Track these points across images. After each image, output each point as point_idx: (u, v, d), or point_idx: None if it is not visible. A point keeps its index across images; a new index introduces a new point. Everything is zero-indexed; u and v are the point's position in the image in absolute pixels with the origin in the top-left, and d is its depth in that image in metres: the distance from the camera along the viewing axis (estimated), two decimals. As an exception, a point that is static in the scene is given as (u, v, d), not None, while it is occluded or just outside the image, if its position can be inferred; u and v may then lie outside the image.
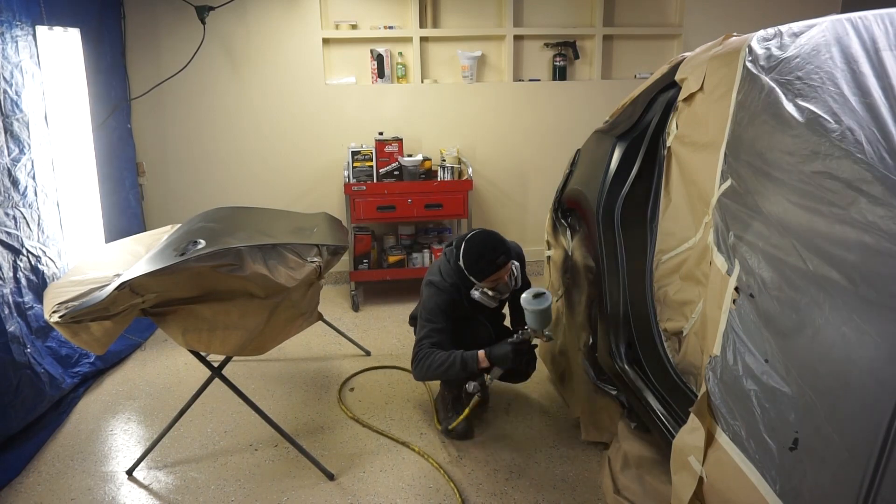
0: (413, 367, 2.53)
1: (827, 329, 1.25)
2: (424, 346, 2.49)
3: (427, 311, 2.54)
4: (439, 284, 2.55)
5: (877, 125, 1.36)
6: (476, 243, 2.47)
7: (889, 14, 1.55)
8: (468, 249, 2.47)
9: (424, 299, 2.58)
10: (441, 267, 2.62)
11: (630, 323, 2.19)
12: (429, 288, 2.57)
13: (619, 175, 2.36)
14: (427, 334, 2.51)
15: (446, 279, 2.56)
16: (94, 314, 2.12)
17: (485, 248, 2.45)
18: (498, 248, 2.45)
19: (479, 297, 2.51)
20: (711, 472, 1.51)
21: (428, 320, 2.53)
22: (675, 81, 2.13)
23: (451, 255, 2.60)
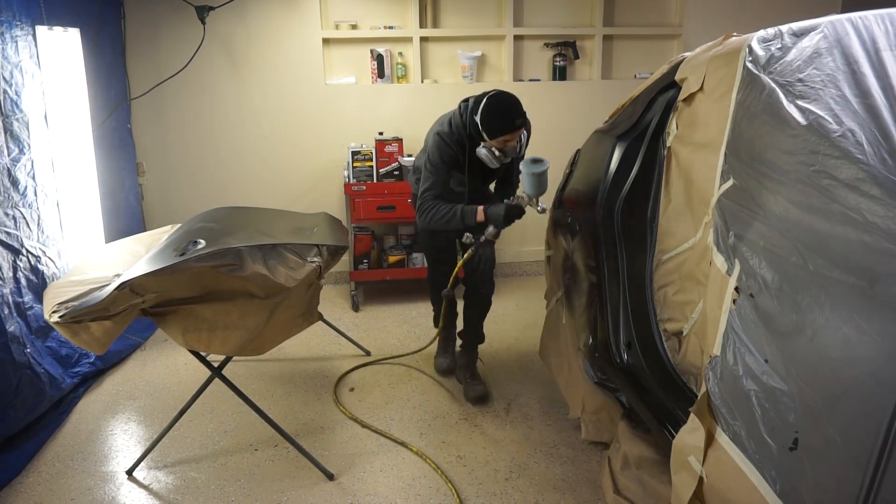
0: (417, 215, 2.74)
1: (827, 329, 1.25)
2: (428, 198, 2.66)
3: (431, 163, 2.67)
4: (447, 137, 2.66)
5: (877, 126, 1.36)
6: (498, 101, 2.54)
7: (889, 14, 1.55)
8: (489, 105, 2.53)
9: (430, 150, 2.69)
10: (452, 119, 2.70)
11: (630, 323, 2.19)
12: (436, 139, 2.67)
13: (619, 175, 2.36)
14: (431, 186, 2.66)
15: (454, 132, 2.66)
16: (94, 314, 2.12)
17: (506, 106, 2.54)
18: (517, 110, 2.55)
19: (484, 155, 2.62)
20: (711, 472, 1.51)
21: (432, 172, 2.67)
22: (675, 81, 2.12)
23: (465, 110, 2.66)
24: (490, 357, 3.36)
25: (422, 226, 2.73)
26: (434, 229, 2.73)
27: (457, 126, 2.66)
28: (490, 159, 2.63)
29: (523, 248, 4.75)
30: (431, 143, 2.69)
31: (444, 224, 2.65)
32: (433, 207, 2.65)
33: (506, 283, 4.60)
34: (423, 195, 2.67)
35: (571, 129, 4.44)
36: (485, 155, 2.62)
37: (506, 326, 3.79)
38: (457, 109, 2.71)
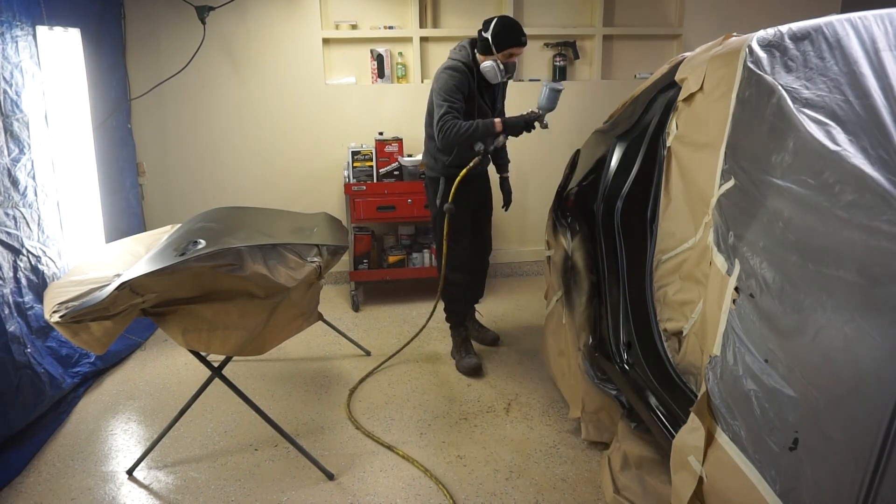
0: (439, 137, 2.88)
1: (827, 329, 1.25)
2: (448, 119, 2.86)
3: (445, 91, 2.89)
4: (456, 67, 2.93)
5: (877, 126, 1.36)
6: (507, 20, 2.91)
7: (889, 14, 1.55)
8: (501, 22, 2.88)
9: (442, 82, 2.91)
10: (456, 54, 3.00)
11: (630, 323, 2.19)
12: (446, 72, 2.93)
13: (619, 175, 2.36)
14: (448, 110, 2.87)
15: (459, 61, 2.95)
16: (94, 314, 2.12)
17: (515, 24, 2.92)
18: (522, 30, 2.92)
19: (489, 68, 2.91)
20: (711, 472, 1.51)
21: (446, 99, 2.88)
22: (675, 81, 2.13)
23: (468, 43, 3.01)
24: (490, 357, 3.36)
25: (443, 145, 2.91)
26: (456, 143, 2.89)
27: (458, 58, 2.95)
28: (495, 72, 2.91)
29: (523, 248, 4.75)
30: (443, 77, 2.91)
31: (467, 137, 2.85)
32: (454, 126, 2.84)
33: (506, 283, 4.60)
34: (443, 118, 2.85)
35: (571, 129, 4.45)
36: (490, 67, 2.91)
37: (506, 326, 3.79)
38: (452, 52, 3.03)
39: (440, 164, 3.09)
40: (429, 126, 3.09)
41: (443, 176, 3.09)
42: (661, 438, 1.97)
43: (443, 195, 3.09)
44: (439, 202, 3.10)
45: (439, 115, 2.89)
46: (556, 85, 2.90)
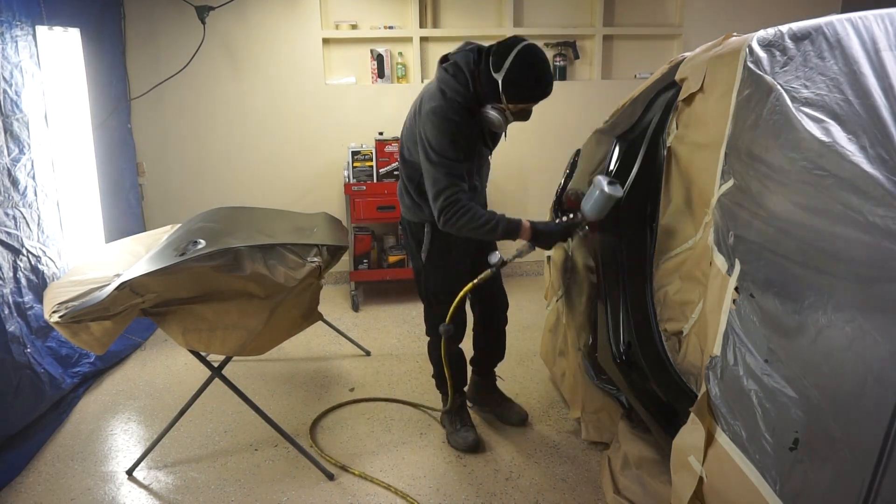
0: (440, 219, 2.16)
1: (828, 329, 1.25)
2: (452, 198, 2.11)
3: (439, 149, 2.12)
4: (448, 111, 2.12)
5: (877, 126, 1.36)
6: (532, 60, 2.07)
7: (889, 14, 1.55)
8: (521, 64, 2.05)
9: (434, 132, 2.12)
10: (446, 89, 2.16)
11: (630, 323, 2.19)
12: (436, 118, 2.12)
13: (619, 175, 2.36)
14: (450, 183, 2.11)
15: (455, 99, 2.13)
16: (94, 314, 2.12)
17: (540, 71, 2.08)
18: (550, 74, 2.11)
19: (494, 118, 2.16)
20: (711, 472, 1.51)
21: (445, 163, 2.11)
22: (675, 81, 2.12)
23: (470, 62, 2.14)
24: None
25: (449, 230, 2.19)
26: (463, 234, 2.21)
27: (454, 92, 2.14)
28: (500, 123, 2.16)
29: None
30: (427, 125, 2.15)
31: (478, 234, 2.17)
32: (466, 210, 2.12)
33: (506, 283, 4.58)
34: (445, 195, 2.12)
35: (571, 129, 4.44)
36: (495, 117, 2.15)
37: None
38: (443, 73, 2.20)
39: (425, 212, 2.35)
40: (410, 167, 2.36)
41: (429, 223, 2.37)
42: (661, 438, 1.97)
43: (429, 249, 2.41)
44: (425, 256, 2.42)
45: (439, 187, 2.13)
46: (613, 191, 2.09)
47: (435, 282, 2.47)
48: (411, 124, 2.33)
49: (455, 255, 2.42)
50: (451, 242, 2.38)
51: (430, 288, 2.50)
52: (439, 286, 2.46)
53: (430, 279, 2.48)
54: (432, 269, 2.45)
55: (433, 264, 2.44)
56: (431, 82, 2.27)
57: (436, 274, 2.45)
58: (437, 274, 2.45)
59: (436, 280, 2.47)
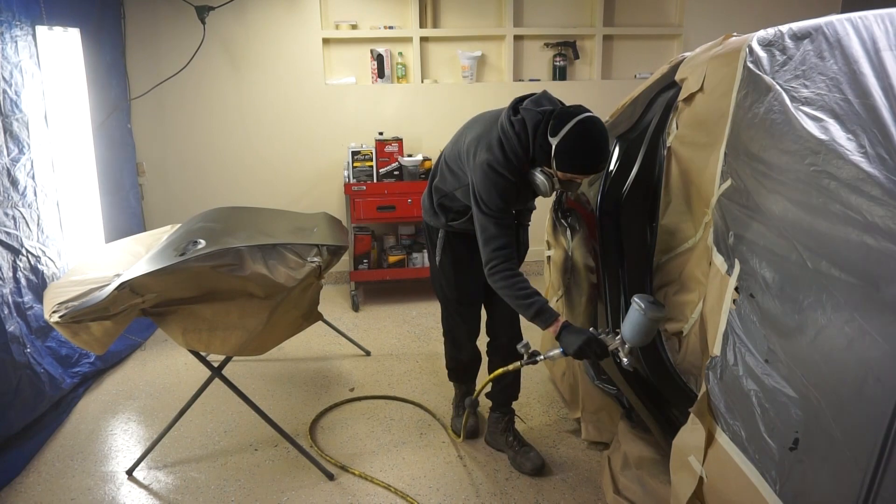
0: (490, 270, 2.14)
1: (828, 329, 1.25)
2: (506, 259, 2.11)
3: (490, 206, 2.11)
4: (503, 167, 2.09)
5: (877, 125, 1.35)
6: (589, 134, 2.00)
7: (889, 14, 1.55)
8: (577, 135, 1.99)
9: (484, 187, 2.11)
10: (504, 142, 2.11)
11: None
12: (490, 173, 2.10)
13: (619, 175, 2.36)
14: (497, 234, 2.11)
15: (511, 159, 2.10)
16: (94, 314, 2.12)
17: (595, 144, 2.01)
18: (606, 150, 2.04)
19: (540, 182, 2.12)
20: (711, 472, 1.51)
21: (495, 217, 2.11)
22: (675, 81, 2.13)
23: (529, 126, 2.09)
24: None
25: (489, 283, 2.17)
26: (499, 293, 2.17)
27: (513, 151, 2.10)
28: (546, 188, 2.12)
29: (523, 248, 4.75)
30: (481, 176, 2.12)
31: (514, 304, 2.14)
32: (510, 276, 2.11)
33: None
34: (494, 250, 2.11)
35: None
36: (541, 182, 2.11)
37: (506, 326, 3.79)
38: (509, 127, 2.12)
39: (441, 219, 2.42)
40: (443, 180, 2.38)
41: (443, 230, 2.44)
42: (661, 438, 1.97)
43: (442, 253, 2.46)
44: (439, 260, 2.48)
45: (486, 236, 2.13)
46: (657, 312, 1.89)
47: (447, 286, 2.51)
48: (460, 153, 2.28)
49: (465, 265, 2.44)
50: (462, 253, 2.43)
51: (441, 291, 2.56)
52: (451, 291, 2.51)
53: (442, 283, 2.53)
54: (443, 273, 2.50)
55: (446, 270, 2.49)
56: (493, 119, 2.21)
57: (447, 279, 2.50)
58: (448, 279, 2.50)
59: (448, 285, 2.51)
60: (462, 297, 2.48)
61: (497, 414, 2.58)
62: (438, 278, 2.53)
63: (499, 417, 2.57)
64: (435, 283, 2.58)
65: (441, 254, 2.47)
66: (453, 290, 2.50)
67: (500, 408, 2.58)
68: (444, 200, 2.40)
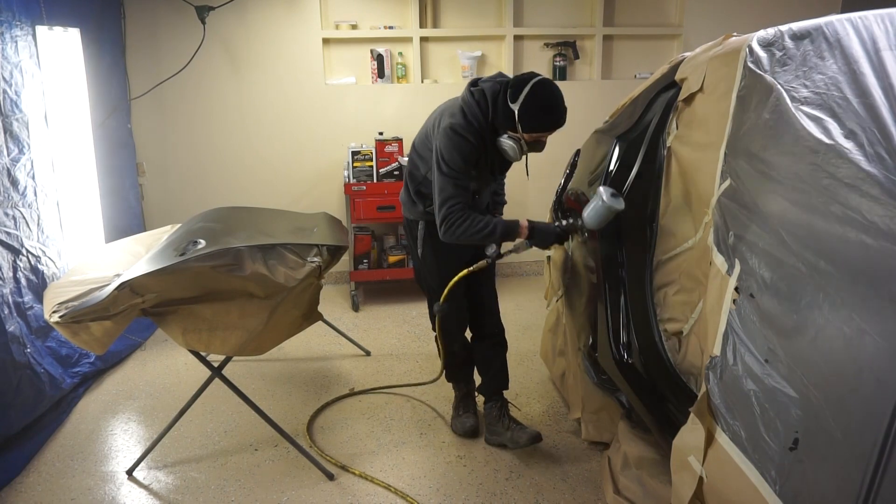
0: (441, 228, 2.27)
1: (827, 329, 1.25)
2: (457, 208, 2.24)
3: (449, 165, 2.24)
4: (465, 130, 2.25)
5: (877, 125, 1.35)
6: (546, 93, 2.20)
7: (889, 14, 1.55)
8: (535, 96, 2.18)
9: (449, 147, 2.25)
10: (465, 109, 2.29)
11: (630, 323, 2.19)
12: (451, 134, 2.25)
13: (619, 175, 2.36)
14: (453, 193, 2.24)
15: (472, 123, 2.26)
16: (94, 314, 2.12)
17: (554, 101, 2.21)
18: (563, 106, 2.24)
19: (509, 147, 2.28)
20: (711, 472, 1.51)
21: (453, 175, 2.24)
22: (675, 81, 2.13)
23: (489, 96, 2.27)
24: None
25: (448, 239, 2.30)
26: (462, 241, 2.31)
27: (474, 116, 2.27)
28: (515, 152, 2.29)
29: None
30: (444, 139, 2.27)
31: (477, 238, 2.27)
32: (464, 218, 2.24)
33: (506, 283, 4.59)
34: (448, 205, 2.25)
35: (571, 129, 4.43)
36: (510, 147, 2.28)
37: (506, 326, 3.78)
38: (469, 96, 2.32)
39: (419, 208, 2.50)
40: (415, 167, 2.48)
41: (423, 221, 2.52)
42: (661, 438, 1.97)
43: (423, 244, 2.54)
44: (421, 252, 2.56)
45: (444, 196, 2.25)
46: (614, 202, 2.15)
47: (432, 278, 2.56)
48: (427, 133, 2.42)
49: (448, 253, 2.48)
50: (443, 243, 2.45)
51: (428, 284, 2.61)
52: (436, 282, 2.52)
53: (427, 275, 2.58)
54: (427, 265, 2.56)
55: (428, 261, 2.55)
56: (456, 98, 2.39)
57: (432, 270, 2.55)
58: (433, 270, 2.54)
59: (432, 276, 2.55)
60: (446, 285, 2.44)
61: (490, 404, 2.64)
62: (422, 271, 2.61)
63: (492, 406, 2.63)
64: (420, 277, 2.66)
65: (423, 245, 2.54)
66: (436, 279, 2.51)
67: (491, 398, 2.65)
68: (420, 188, 2.47)
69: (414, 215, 2.54)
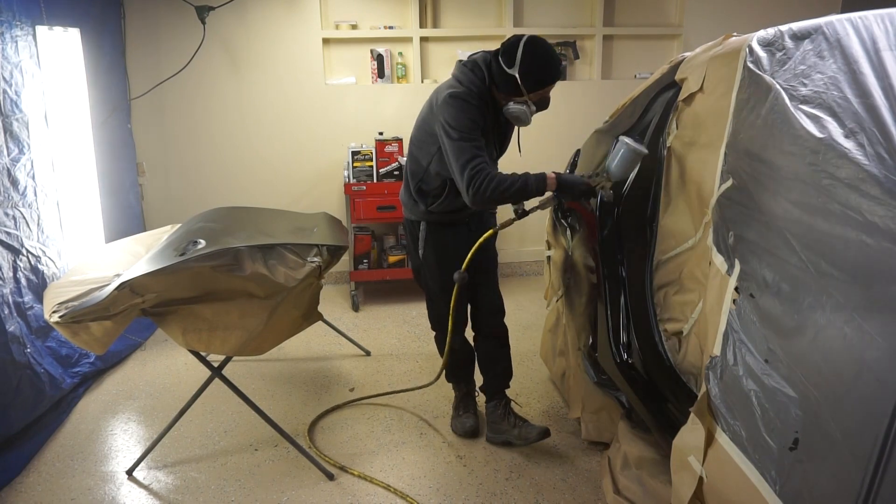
0: (469, 192, 2.15)
1: (827, 329, 1.25)
2: (480, 167, 2.13)
3: (460, 127, 2.18)
4: (466, 95, 2.21)
5: (877, 125, 1.35)
6: (539, 47, 2.19)
7: (889, 14, 1.55)
8: (531, 52, 2.17)
9: (453, 114, 2.20)
10: (462, 79, 2.27)
11: (630, 323, 2.19)
12: (452, 101, 2.21)
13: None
14: (474, 154, 2.15)
15: (472, 88, 2.24)
16: (94, 314, 2.12)
17: (549, 51, 2.20)
18: (558, 57, 2.24)
19: (519, 112, 2.25)
20: (711, 472, 1.51)
21: (467, 139, 2.16)
22: (675, 81, 2.13)
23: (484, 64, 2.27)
24: (490, 357, 3.36)
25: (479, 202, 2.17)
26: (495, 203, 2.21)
27: (471, 82, 2.25)
28: (525, 116, 2.25)
29: (523, 248, 4.75)
30: (447, 109, 2.21)
31: (508, 196, 2.16)
32: (492, 177, 2.12)
33: (506, 282, 4.59)
34: (471, 165, 2.14)
35: (571, 129, 4.45)
36: (520, 111, 2.24)
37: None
38: (461, 67, 2.31)
39: (420, 208, 2.46)
40: (415, 161, 2.43)
41: (424, 221, 2.48)
42: (661, 438, 1.97)
43: (425, 245, 2.49)
44: (422, 253, 2.51)
45: (463, 160, 2.15)
46: (638, 147, 2.12)
47: (433, 279, 2.54)
48: (424, 119, 2.39)
49: (451, 252, 2.45)
50: (446, 240, 2.47)
51: (428, 285, 2.59)
52: (437, 283, 2.52)
53: (429, 276, 2.56)
54: (428, 267, 2.54)
55: (430, 262, 2.53)
56: (447, 79, 2.36)
57: (433, 271, 2.53)
58: (435, 271, 2.52)
59: (433, 278, 2.54)
60: (447, 286, 2.41)
61: (493, 402, 2.63)
62: (423, 272, 2.58)
63: (496, 405, 2.62)
64: (420, 279, 2.63)
65: (424, 246, 2.51)
66: (437, 281, 2.51)
67: (494, 396, 2.64)
68: (420, 184, 2.44)
69: (415, 215, 2.51)
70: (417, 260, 2.58)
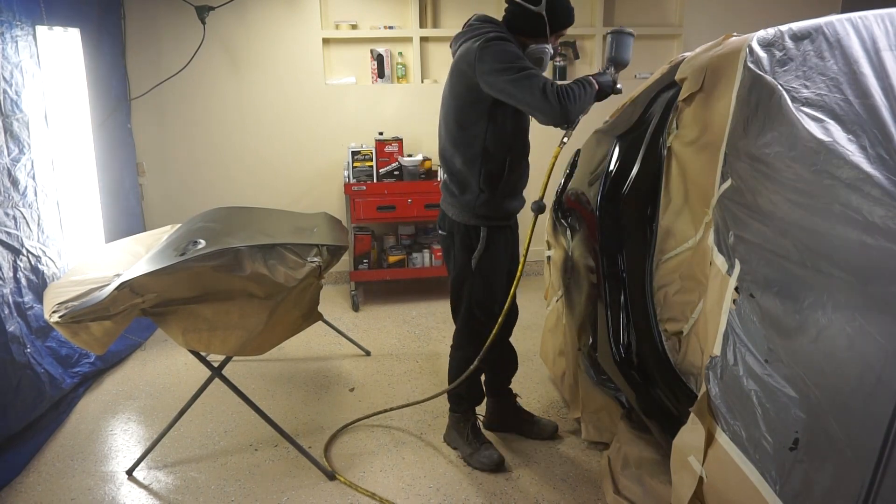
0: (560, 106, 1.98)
1: (828, 329, 1.25)
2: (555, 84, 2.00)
3: (511, 59, 2.05)
4: (498, 37, 2.12)
5: (877, 125, 1.36)
6: None
7: (889, 14, 1.55)
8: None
9: (498, 57, 2.06)
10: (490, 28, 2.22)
11: (630, 323, 2.19)
12: (493, 44, 2.09)
13: (619, 175, 2.36)
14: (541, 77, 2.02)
15: (498, 32, 2.18)
16: (94, 314, 2.12)
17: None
18: None
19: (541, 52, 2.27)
20: (711, 472, 1.51)
21: (525, 67, 2.04)
22: (675, 81, 2.13)
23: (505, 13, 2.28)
24: (490, 357, 3.36)
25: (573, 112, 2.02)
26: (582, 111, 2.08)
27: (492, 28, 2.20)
28: (547, 58, 2.27)
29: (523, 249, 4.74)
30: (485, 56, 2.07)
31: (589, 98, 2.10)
32: (570, 88, 2.03)
33: (506, 283, 4.59)
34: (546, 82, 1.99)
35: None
36: (542, 52, 2.24)
37: (506, 326, 3.79)
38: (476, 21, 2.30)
39: (483, 202, 2.24)
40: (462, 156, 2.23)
41: (485, 226, 2.25)
42: (661, 438, 1.97)
43: (481, 256, 2.26)
44: (477, 263, 2.27)
45: (532, 83, 1.98)
46: (625, 29, 2.29)
47: (482, 291, 2.32)
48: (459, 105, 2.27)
49: (503, 261, 2.32)
50: (500, 247, 2.30)
51: (474, 297, 2.32)
52: (485, 295, 2.32)
53: (476, 288, 2.31)
54: (481, 277, 2.30)
55: (483, 272, 2.29)
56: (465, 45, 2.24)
57: (483, 282, 2.31)
58: (485, 282, 2.31)
59: (482, 289, 2.32)
60: (497, 297, 2.30)
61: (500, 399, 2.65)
62: (472, 285, 2.31)
63: (503, 402, 2.65)
64: (463, 293, 2.34)
65: (481, 256, 2.26)
66: (488, 293, 2.31)
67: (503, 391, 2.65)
68: (489, 166, 2.24)
69: (474, 220, 2.25)
70: (467, 272, 2.30)
